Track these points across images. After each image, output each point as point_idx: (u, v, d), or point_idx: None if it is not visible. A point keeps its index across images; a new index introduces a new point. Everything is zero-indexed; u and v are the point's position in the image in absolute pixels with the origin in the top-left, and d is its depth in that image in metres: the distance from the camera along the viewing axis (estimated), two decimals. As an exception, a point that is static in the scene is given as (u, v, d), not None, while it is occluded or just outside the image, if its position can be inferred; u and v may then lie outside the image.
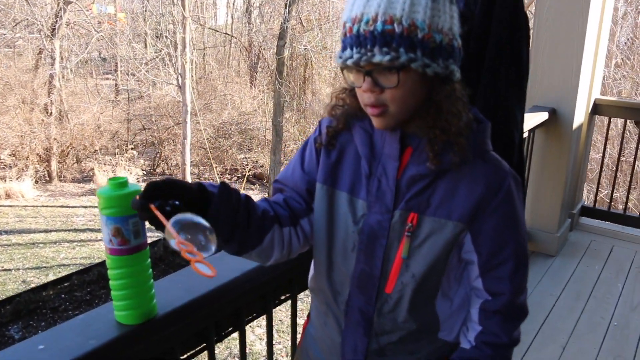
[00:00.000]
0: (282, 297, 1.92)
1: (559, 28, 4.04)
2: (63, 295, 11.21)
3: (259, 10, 24.62)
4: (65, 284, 11.45)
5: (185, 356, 1.55)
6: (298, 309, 2.00)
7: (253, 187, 20.51)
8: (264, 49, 23.90)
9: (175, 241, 1.04)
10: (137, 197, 1.11)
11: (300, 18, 20.91)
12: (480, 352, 1.38)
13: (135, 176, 18.65)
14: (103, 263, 10.75)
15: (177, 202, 1.12)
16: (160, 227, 1.09)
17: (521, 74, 1.73)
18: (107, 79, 25.87)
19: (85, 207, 16.87)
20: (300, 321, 1.93)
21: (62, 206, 16.97)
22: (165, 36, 19.72)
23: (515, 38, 1.69)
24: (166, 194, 1.12)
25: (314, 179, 1.42)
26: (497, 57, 1.68)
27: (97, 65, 26.15)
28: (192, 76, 19.77)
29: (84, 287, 11.33)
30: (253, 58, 25.12)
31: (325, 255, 1.40)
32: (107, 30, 22.04)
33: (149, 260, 1.31)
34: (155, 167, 21.01)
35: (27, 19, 20.25)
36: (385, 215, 1.30)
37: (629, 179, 5.75)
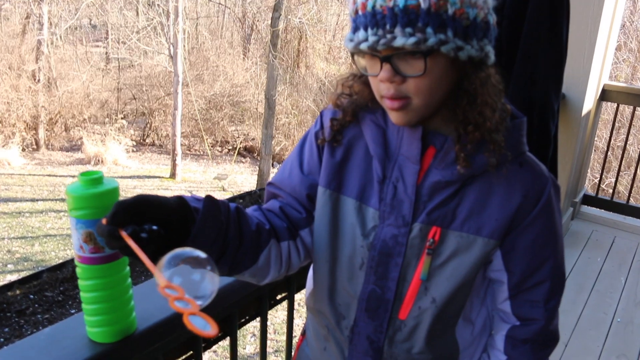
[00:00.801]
0: (279, 297, 1.75)
1: (574, 10, 3.83)
2: (32, 296, 9.58)
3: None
4: (35, 282, 9.80)
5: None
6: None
7: (244, 160, 20.34)
8: (258, 21, 23.59)
9: (159, 285, 0.81)
10: (104, 220, 0.89)
11: (295, -10, 20.57)
12: None
13: (124, 146, 18.40)
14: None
15: (154, 227, 0.92)
16: (136, 258, 0.90)
17: (561, 58, 1.53)
18: (98, 46, 25.39)
19: (73, 176, 16.60)
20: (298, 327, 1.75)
21: (49, 175, 16.71)
22: (158, 4, 19.32)
23: (555, 17, 1.47)
24: (140, 216, 0.91)
25: (315, 182, 1.21)
26: (534, 39, 1.45)
27: (87, 32, 25.66)
28: (184, 46, 19.46)
29: (56, 285, 9.74)
30: (247, 29, 24.81)
31: (328, 272, 1.21)
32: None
33: (128, 268, 1.13)
34: (145, 137, 20.74)
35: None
36: (402, 229, 1.11)
37: (634, 168, 5.57)
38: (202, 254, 0.85)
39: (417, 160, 1.08)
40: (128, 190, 15.27)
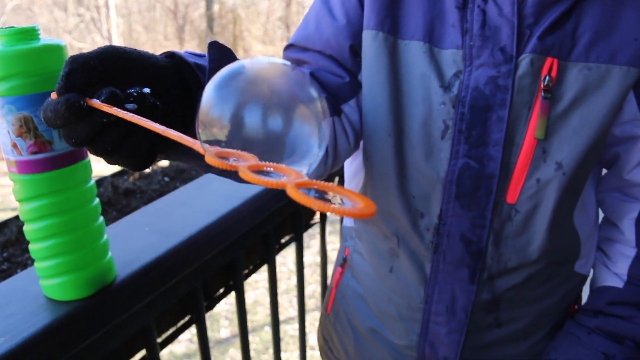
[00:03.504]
0: (285, 240, 1.38)
1: None
2: None
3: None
4: None
5: (164, 337, 1.00)
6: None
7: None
8: (190, 11, 23.17)
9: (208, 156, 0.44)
10: (56, 89, 0.53)
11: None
12: None
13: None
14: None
15: (145, 90, 0.55)
16: (134, 152, 0.56)
17: None
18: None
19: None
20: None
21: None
22: (88, 0, 18.63)
23: None
24: (112, 78, 0.56)
25: (358, 28, 0.84)
26: None
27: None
28: (119, 43, 18.86)
29: None
30: (179, 21, 24.34)
31: (393, 151, 0.84)
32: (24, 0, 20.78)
33: (93, 182, 0.75)
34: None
35: None
36: (504, 67, 0.75)
37: None
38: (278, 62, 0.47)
39: None
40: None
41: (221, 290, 1.16)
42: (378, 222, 0.92)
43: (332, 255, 3.68)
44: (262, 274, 1.35)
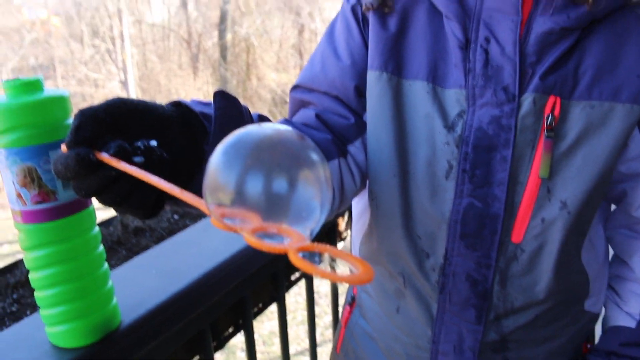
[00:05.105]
0: (295, 277, 1.37)
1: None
2: None
3: (195, 2, 24.11)
4: None
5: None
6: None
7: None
8: (203, 40, 23.45)
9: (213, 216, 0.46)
10: (65, 142, 0.54)
11: (238, 3, 20.50)
12: None
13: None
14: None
15: (152, 142, 0.57)
16: (142, 203, 0.57)
17: None
18: (45, 85, 24.85)
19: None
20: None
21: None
22: (103, 31, 18.92)
23: None
24: (120, 131, 0.56)
25: (362, 68, 0.85)
26: None
27: (35, 70, 25.12)
28: (134, 73, 19.10)
29: (7, 293, 7.49)
30: (193, 50, 24.63)
31: (398, 192, 0.84)
32: (41, 34, 21.16)
33: (98, 229, 0.75)
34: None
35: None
36: (507, 106, 0.75)
37: None
38: (281, 129, 0.48)
39: (516, 9, 0.74)
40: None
41: (230, 330, 1.16)
42: (384, 261, 0.91)
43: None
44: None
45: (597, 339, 0.95)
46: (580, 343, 0.95)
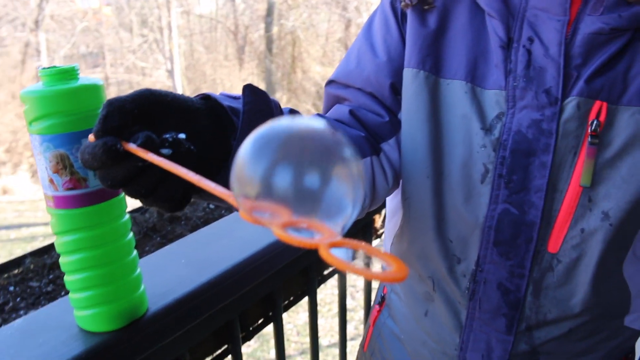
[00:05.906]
0: (327, 272, 1.37)
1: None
2: (12, 287, 7.09)
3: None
4: (16, 271, 7.34)
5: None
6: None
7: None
8: (250, 32, 23.57)
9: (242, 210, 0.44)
10: (93, 132, 0.54)
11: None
12: None
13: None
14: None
15: (180, 135, 0.57)
16: (169, 195, 0.57)
17: None
18: (95, 72, 25.32)
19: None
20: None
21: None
22: (151, 21, 19.21)
23: None
24: (148, 122, 0.57)
25: (399, 66, 0.83)
26: None
27: (86, 58, 25.67)
28: (180, 62, 19.34)
29: (43, 273, 7.14)
30: (239, 41, 24.78)
31: (431, 194, 0.82)
32: (92, 22, 21.61)
33: (128, 217, 0.76)
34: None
35: (9, 13, 19.80)
36: (548, 110, 0.72)
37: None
38: (315, 124, 0.46)
39: (564, 9, 0.71)
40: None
41: (260, 321, 1.16)
42: (414, 263, 0.90)
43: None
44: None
45: (637, 355, 0.92)
46: (620, 358, 0.92)
